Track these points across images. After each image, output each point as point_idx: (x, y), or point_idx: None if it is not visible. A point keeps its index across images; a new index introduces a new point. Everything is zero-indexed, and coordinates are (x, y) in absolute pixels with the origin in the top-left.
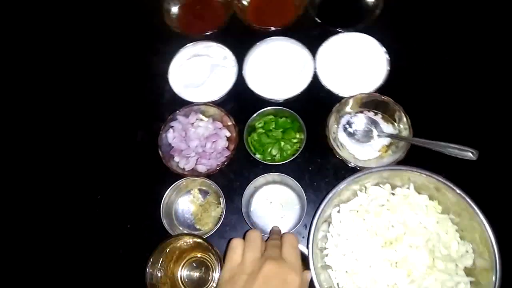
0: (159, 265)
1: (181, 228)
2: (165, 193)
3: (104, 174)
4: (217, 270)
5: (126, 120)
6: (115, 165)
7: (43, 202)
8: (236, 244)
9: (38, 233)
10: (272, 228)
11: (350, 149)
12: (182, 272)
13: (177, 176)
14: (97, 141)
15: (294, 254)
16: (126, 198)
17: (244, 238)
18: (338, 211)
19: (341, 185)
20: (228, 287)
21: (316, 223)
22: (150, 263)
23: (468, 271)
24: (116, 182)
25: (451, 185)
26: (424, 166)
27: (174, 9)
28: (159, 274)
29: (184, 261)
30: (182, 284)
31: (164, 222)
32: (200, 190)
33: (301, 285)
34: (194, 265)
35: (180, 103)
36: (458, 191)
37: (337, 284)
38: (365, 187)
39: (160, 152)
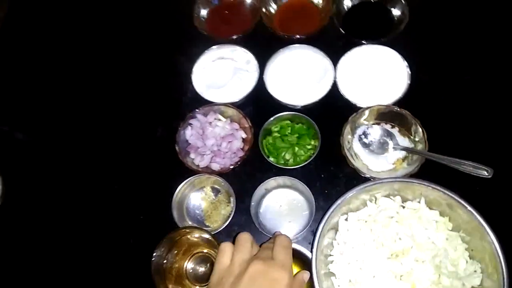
0: (166, 254)
1: (190, 223)
2: (178, 187)
3: (122, 165)
4: None
5: (148, 116)
6: (134, 158)
7: (65, 185)
8: (225, 247)
9: (57, 213)
10: (274, 233)
11: (364, 159)
12: (188, 265)
13: (192, 172)
14: (119, 134)
15: (284, 253)
16: (141, 190)
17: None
18: (346, 219)
19: (351, 193)
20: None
21: (322, 228)
22: (158, 249)
23: None
24: (133, 174)
25: (464, 203)
26: (437, 182)
27: (204, 13)
28: (165, 261)
29: (191, 255)
30: (187, 277)
31: (174, 214)
32: (212, 188)
33: (291, 283)
34: (200, 260)
35: (201, 103)
36: (470, 209)
37: None
38: (375, 198)
39: (176, 148)
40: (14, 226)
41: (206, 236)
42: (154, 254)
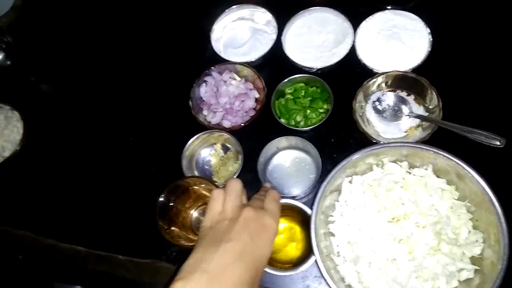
0: (173, 199)
1: None
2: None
3: (139, 119)
4: None
5: (167, 73)
6: (151, 112)
7: (84, 139)
8: (217, 194)
9: (74, 160)
10: (262, 185)
11: (376, 126)
12: (194, 216)
13: (203, 128)
14: (139, 90)
15: (274, 205)
16: (154, 143)
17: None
18: (350, 182)
19: (357, 154)
20: (210, 233)
21: (325, 188)
22: (164, 192)
23: (475, 260)
24: (148, 128)
25: (473, 173)
26: (448, 151)
27: None
28: (171, 206)
29: (198, 206)
30: (191, 226)
31: (184, 167)
32: (223, 145)
33: (277, 225)
34: (205, 211)
35: (219, 62)
36: (479, 180)
37: (338, 252)
38: (382, 162)
39: (190, 103)
40: (33, 171)
41: (213, 188)
42: (161, 195)
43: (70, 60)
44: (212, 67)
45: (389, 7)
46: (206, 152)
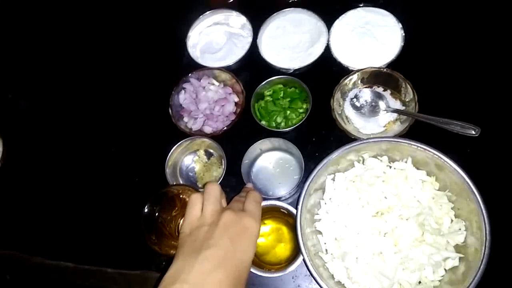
0: (159, 209)
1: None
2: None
3: (120, 129)
4: None
5: (145, 82)
6: (131, 122)
7: (65, 148)
8: (195, 198)
9: (56, 174)
10: (243, 187)
11: (355, 122)
12: (181, 223)
13: (185, 136)
14: (117, 100)
15: (255, 206)
16: (137, 153)
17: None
18: (333, 179)
19: (338, 152)
20: (189, 241)
21: (308, 186)
22: (149, 203)
23: (459, 248)
24: (129, 138)
25: (451, 163)
26: (426, 143)
27: None
28: (157, 216)
29: (184, 213)
30: (178, 234)
31: (168, 176)
32: (205, 151)
33: (258, 233)
34: None
35: (196, 68)
36: (457, 169)
37: (326, 250)
38: (363, 158)
39: (170, 111)
40: (14, 188)
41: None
42: (146, 206)
43: (46, 74)
44: (190, 74)
45: (361, 5)
46: (189, 159)
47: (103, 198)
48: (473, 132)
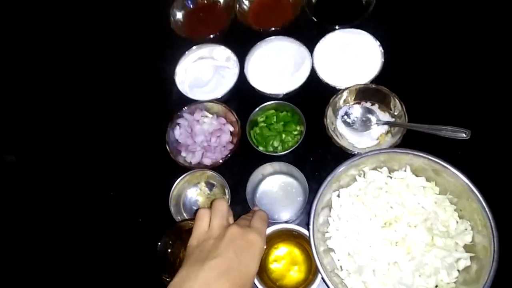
0: (171, 245)
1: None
2: (173, 185)
3: (116, 172)
4: None
5: (137, 122)
6: (127, 163)
7: (61, 199)
8: (203, 213)
9: (55, 227)
10: (252, 209)
11: (349, 138)
12: None
13: (185, 170)
14: (110, 143)
15: (260, 222)
16: (137, 194)
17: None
18: (338, 196)
19: (340, 168)
20: (197, 252)
21: (316, 206)
22: (163, 239)
23: (468, 248)
24: (127, 179)
25: (447, 166)
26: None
27: (179, 16)
28: (169, 252)
29: None
30: None
31: (172, 212)
32: (207, 183)
33: (263, 248)
34: None
35: (187, 103)
36: (454, 171)
37: (340, 266)
38: (364, 172)
39: (168, 148)
40: (13, 243)
41: None
42: (159, 243)
43: (32, 125)
44: (183, 109)
45: (337, 27)
46: (192, 192)
47: (108, 244)
48: (464, 135)
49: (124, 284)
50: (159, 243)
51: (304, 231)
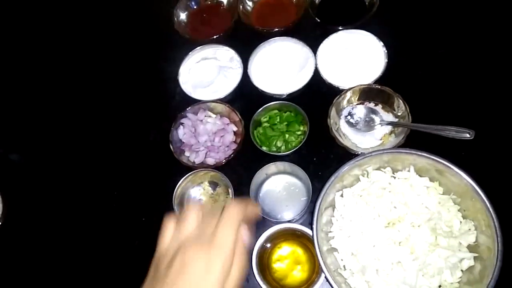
0: None
1: None
2: (177, 185)
3: (120, 172)
4: None
5: (141, 122)
6: (131, 163)
7: (65, 198)
8: (167, 222)
9: (59, 226)
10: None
11: (352, 139)
12: None
13: (189, 169)
14: (114, 142)
15: (226, 229)
16: (140, 193)
17: None
18: (342, 195)
19: (343, 168)
20: (153, 271)
21: (320, 205)
22: None
23: (472, 248)
24: (131, 179)
25: (451, 166)
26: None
27: (183, 17)
28: None
29: None
30: None
31: (176, 210)
32: (210, 182)
33: (228, 266)
34: None
35: (190, 103)
36: (458, 171)
37: (344, 266)
38: (367, 172)
39: (171, 147)
40: (17, 243)
41: None
42: None
43: (37, 124)
44: (187, 109)
45: (340, 28)
46: (195, 192)
47: (112, 243)
48: (468, 136)
49: (127, 282)
50: None
51: (307, 230)
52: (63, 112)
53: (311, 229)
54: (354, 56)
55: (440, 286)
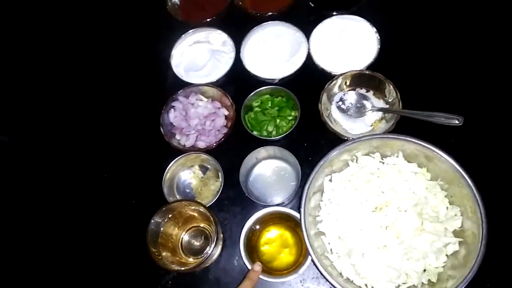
0: (163, 223)
1: None
2: (167, 168)
3: (110, 154)
4: (213, 243)
5: (132, 104)
6: (121, 145)
7: (54, 180)
8: None
9: (48, 207)
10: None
11: (343, 125)
12: (184, 238)
13: (179, 152)
14: (104, 124)
15: None
16: (130, 175)
17: None
18: (330, 180)
19: (332, 153)
20: None
21: (308, 189)
22: (155, 217)
23: (457, 233)
24: (121, 161)
25: (440, 152)
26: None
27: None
28: (161, 230)
29: (188, 228)
30: (182, 249)
31: (165, 194)
32: (200, 166)
33: None
34: (196, 234)
35: (182, 86)
36: (446, 157)
37: (330, 249)
38: (356, 157)
39: (162, 130)
40: (4, 224)
41: (201, 209)
42: (152, 221)
43: (26, 105)
44: (178, 92)
45: (334, 13)
46: (185, 175)
47: (101, 225)
48: (457, 122)
49: (116, 263)
50: (151, 221)
51: (295, 214)
52: (53, 94)
53: (299, 212)
54: (347, 42)
55: (425, 270)
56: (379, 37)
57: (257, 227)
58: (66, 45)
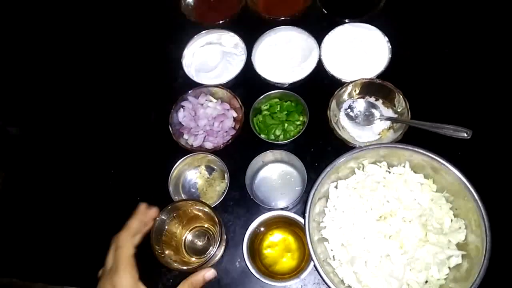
0: (168, 222)
1: None
2: (173, 167)
3: (118, 150)
4: (216, 243)
5: (142, 102)
6: (129, 142)
7: (62, 174)
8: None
9: (55, 201)
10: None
11: (351, 132)
12: (188, 237)
13: (186, 152)
14: (114, 120)
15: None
16: (137, 173)
17: None
18: (336, 187)
19: (339, 160)
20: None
21: (313, 195)
22: (160, 214)
23: (461, 246)
24: (129, 158)
25: (447, 164)
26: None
27: (190, 0)
28: (166, 229)
29: (191, 228)
30: (185, 248)
31: (171, 193)
32: (207, 166)
33: None
34: (199, 234)
35: (192, 86)
36: (453, 170)
37: (333, 256)
38: (363, 165)
39: (170, 129)
40: (13, 216)
41: (206, 209)
42: (157, 218)
43: (37, 99)
44: (188, 92)
45: (347, 21)
46: (192, 175)
47: (106, 220)
48: (465, 135)
49: None
50: (156, 218)
51: (299, 219)
52: (64, 88)
53: (304, 218)
54: (358, 50)
55: (426, 281)
56: (390, 47)
57: (262, 229)
58: (80, 40)
